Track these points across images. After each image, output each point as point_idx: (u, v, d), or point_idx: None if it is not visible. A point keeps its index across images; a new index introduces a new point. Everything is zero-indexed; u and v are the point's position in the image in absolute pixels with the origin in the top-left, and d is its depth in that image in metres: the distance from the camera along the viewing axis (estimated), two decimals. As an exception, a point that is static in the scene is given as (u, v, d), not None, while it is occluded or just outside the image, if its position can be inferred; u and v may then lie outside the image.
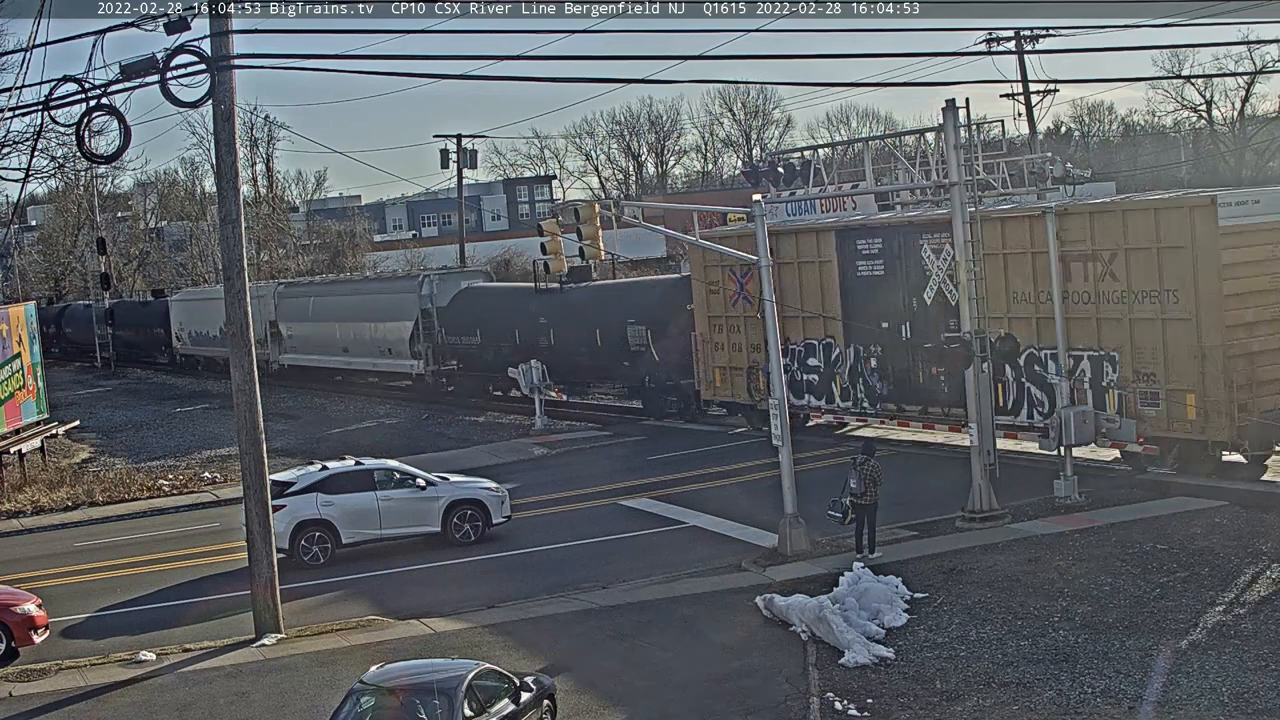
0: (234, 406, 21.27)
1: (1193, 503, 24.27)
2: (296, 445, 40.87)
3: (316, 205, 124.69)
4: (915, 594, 20.12)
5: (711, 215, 64.26)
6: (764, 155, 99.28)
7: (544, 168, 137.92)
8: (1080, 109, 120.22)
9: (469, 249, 72.29)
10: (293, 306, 60.80)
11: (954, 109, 24.36)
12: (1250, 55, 74.01)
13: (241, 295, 20.92)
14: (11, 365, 38.09)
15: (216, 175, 21.42)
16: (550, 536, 26.97)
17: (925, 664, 17.53)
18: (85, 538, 30.78)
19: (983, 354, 24.42)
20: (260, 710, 17.61)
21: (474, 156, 69.21)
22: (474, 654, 18.08)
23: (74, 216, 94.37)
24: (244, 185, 44.13)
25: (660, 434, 38.49)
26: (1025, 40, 52.46)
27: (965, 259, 24.48)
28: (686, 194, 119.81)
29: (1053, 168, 26.33)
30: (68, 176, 73.36)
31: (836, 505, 23.01)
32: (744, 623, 19.84)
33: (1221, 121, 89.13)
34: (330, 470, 26.41)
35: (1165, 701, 15.56)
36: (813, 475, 27.91)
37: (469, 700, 14.23)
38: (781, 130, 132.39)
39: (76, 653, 21.01)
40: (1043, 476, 26.34)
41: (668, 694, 17.19)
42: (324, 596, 23.75)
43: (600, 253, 24.46)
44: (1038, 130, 59.29)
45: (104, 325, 78.30)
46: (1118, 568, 20.70)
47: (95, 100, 19.05)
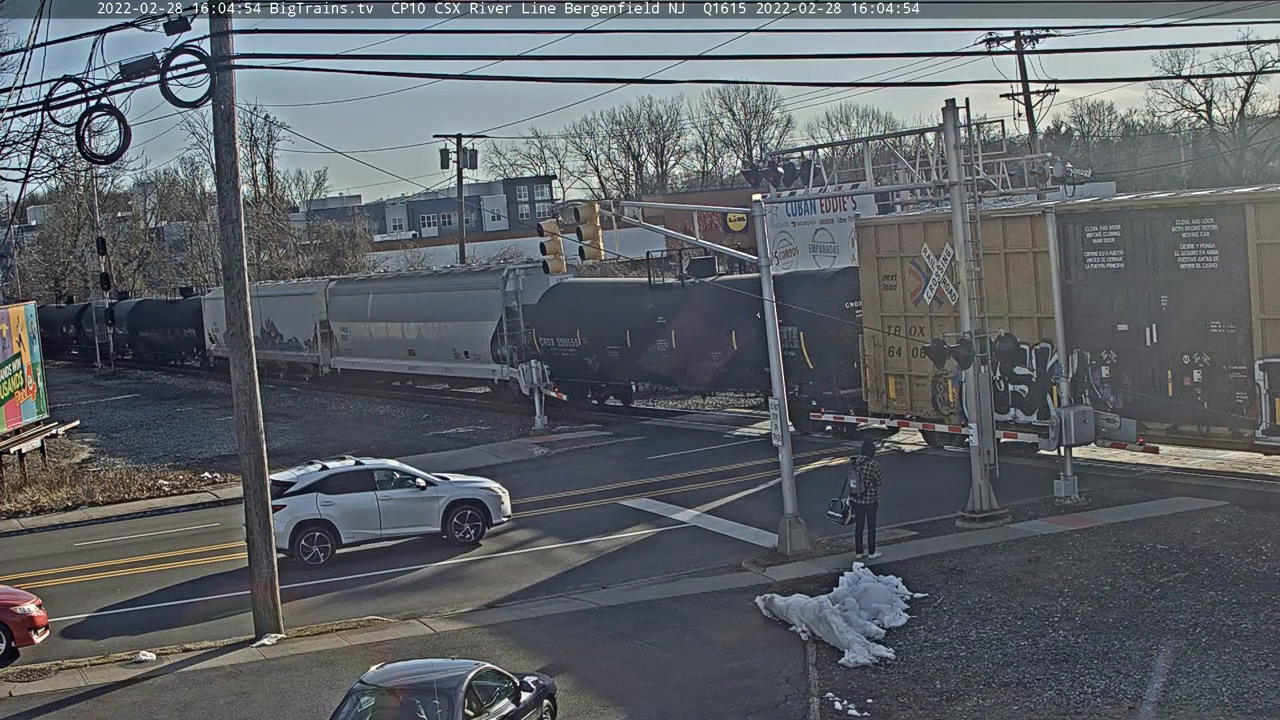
0: (234, 406, 21.25)
1: (1193, 503, 24.28)
2: (297, 445, 40.87)
3: (316, 205, 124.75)
4: (915, 594, 20.12)
5: (712, 215, 64.31)
6: (764, 155, 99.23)
7: (544, 168, 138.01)
8: (1080, 109, 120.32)
9: (469, 249, 72.26)
10: (348, 305, 56.09)
11: (954, 109, 24.40)
12: (1250, 55, 74.09)
13: (241, 295, 20.91)
14: (11, 365, 38.08)
15: (216, 175, 21.42)
16: (550, 536, 26.96)
17: (925, 664, 17.53)
18: (85, 538, 30.77)
19: (982, 354, 24.45)
20: (260, 710, 17.61)
21: (474, 156, 69.26)
22: (474, 654, 18.08)
23: (74, 216, 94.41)
24: (244, 185, 44.19)
25: (660, 434, 38.47)
26: (1025, 40, 52.47)
27: (964, 259, 24.50)
28: (686, 194, 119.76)
29: (1053, 168, 26.33)
30: (68, 176, 73.30)
31: (836, 505, 23.01)
32: (744, 623, 19.84)
33: (1221, 121, 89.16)
34: (330, 470, 26.40)
35: (1165, 701, 15.55)
36: (813, 475, 27.93)
37: (469, 700, 14.23)
38: (781, 130, 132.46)
39: (76, 653, 21.01)
40: (1043, 476, 26.35)
41: (668, 694, 17.18)
42: (324, 596, 23.74)
43: (600, 252, 24.45)
44: (1038, 130, 59.31)
45: (106, 325, 78.13)
46: (1118, 568, 20.69)
47: (95, 100, 19.05)
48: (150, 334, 76.15)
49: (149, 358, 77.68)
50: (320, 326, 57.36)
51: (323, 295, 57.65)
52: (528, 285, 44.85)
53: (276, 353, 61.46)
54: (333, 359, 57.20)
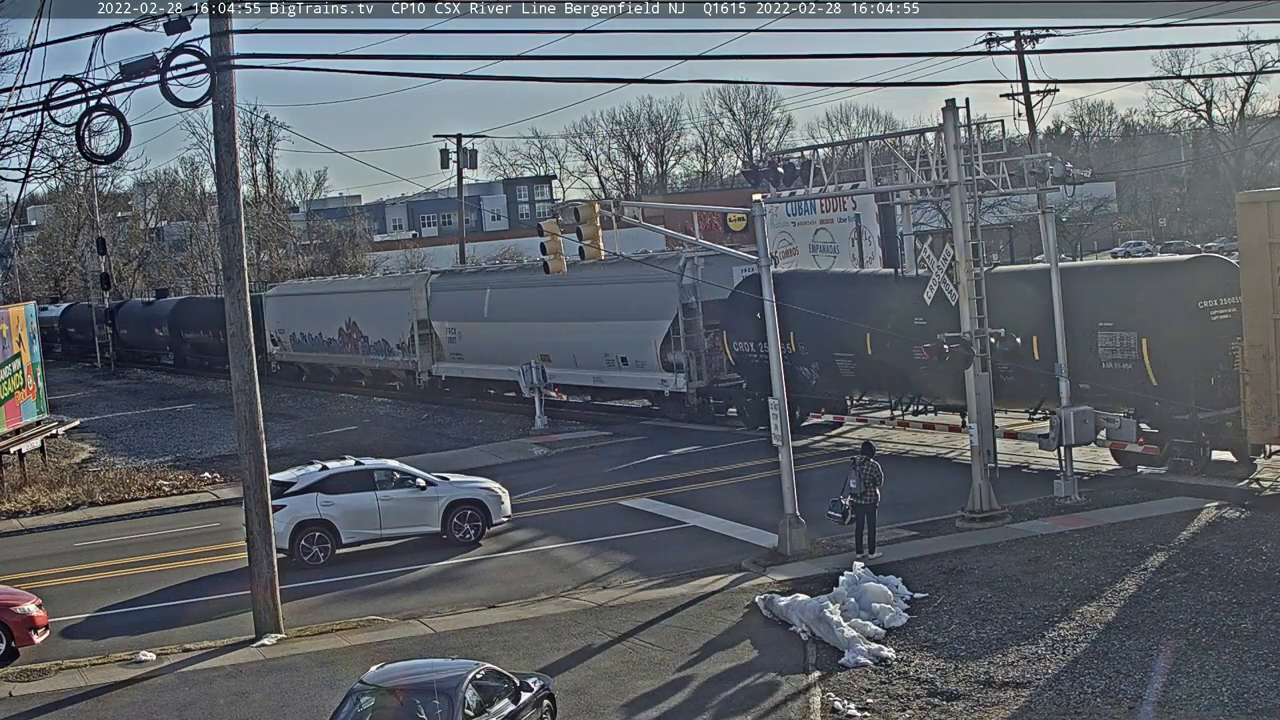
0: (234, 406, 21.24)
1: (1193, 503, 24.27)
2: (297, 445, 40.86)
3: (316, 205, 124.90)
4: (915, 594, 20.12)
5: (712, 215, 64.32)
6: (764, 155, 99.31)
7: (544, 168, 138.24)
8: (1080, 109, 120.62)
9: (469, 249, 72.27)
10: (457, 302, 48.69)
11: (954, 109, 24.41)
12: (1250, 55, 74.09)
13: (241, 295, 20.91)
14: (11, 365, 38.09)
15: (216, 175, 21.42)
16: (550, 536, 26.97)
17: (925, 664, 17.52)
18: (85, 538, 30.77)
19: (982, 354, 24.45)
20: (260, 710, 17.61)
21: (474, 156, 69.28)
22: (474, 654, 18.07)
23: (74, 216, 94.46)
24: (244, 185, 43.86)
25: (660, 434, 38.45)
26: (1025, 40, 52.54)
27: (965, 259, 24.51)
28: (686, 194, 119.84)
29: (1053, 168, 26.31)
30: (68, 176, 73.23)
31: (836, 505, 23.02)
32: (744, 623, 19.84)
33: (1221, 121, 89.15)
34: (330, 470, 26.40)
35: (1165, 701, 15.54)
36: (812, 475, 27.92)
37: (469, 700, 14.23)
38: (781, 130, 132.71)
39: (76, 653, 21.01)
40: (1043, 476, 26.35)
41: (667, 694, 17.18)
42: (324, 596, 23.74)
43: (600, 253, 24.44)
44: (1038, 130, 59.36)
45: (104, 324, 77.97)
46: (1118, 568, 20.69)
47: (95, 100, 19.05)
48: (194, 336, 67.94)
49: (191, 361, 70.23)
50: (418, 327, 50.23)
51: (422, 291, 50.09)
52: (707, 277, 37.15)
53: (358, 357, 55.39)
54: (435, 365, 49.76)
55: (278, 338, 60.60)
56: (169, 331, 72.17)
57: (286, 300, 61.57)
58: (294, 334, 60.19)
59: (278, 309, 60.72)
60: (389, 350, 53.10)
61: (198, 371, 68.60)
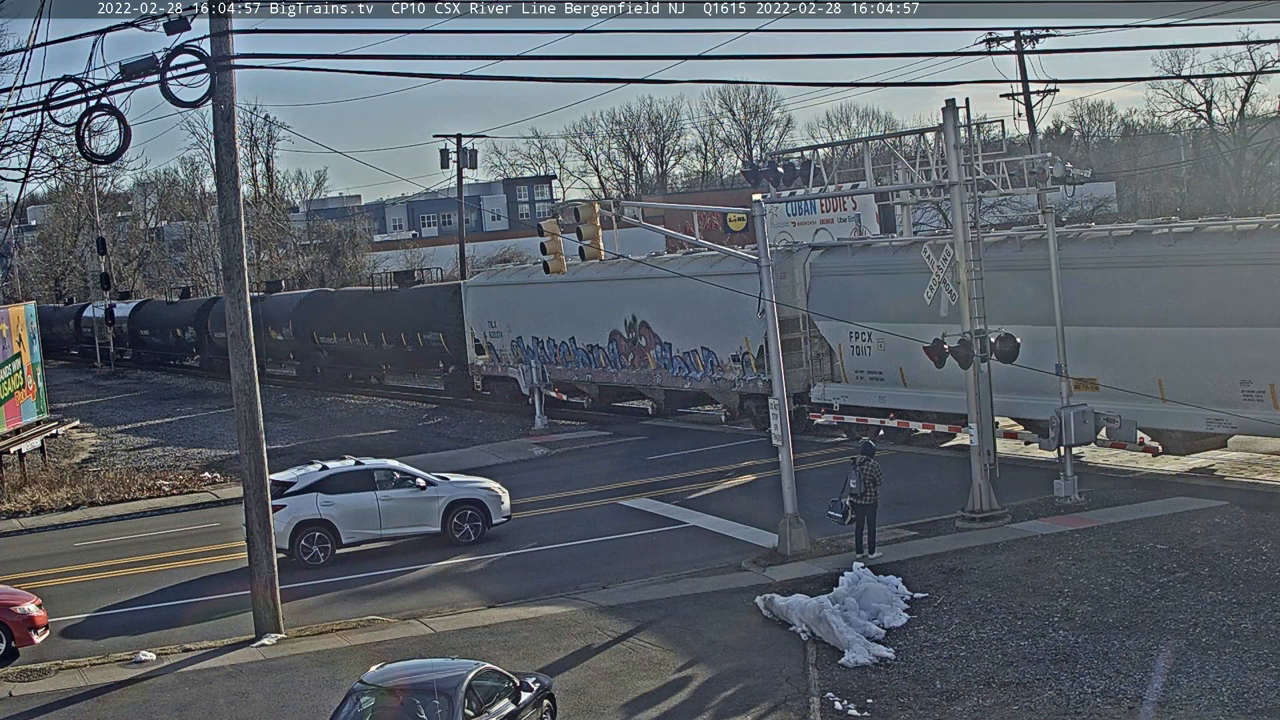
0: (234, 406, 21.25)
1: (1193, 503, 24.30)
2: (296, 445, 40.86)
3: (316, 205, 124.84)
4: (915, 594, 20.13)
5: (712, 215, 64.29)
6: (764, 155, 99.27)
7: (544, 168, 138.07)
8: (1080, 109, 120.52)
9: (469, 249, 72.25)
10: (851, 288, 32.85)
11: (954, 109, 24.39)
12: (1250, 55, 73.90)
13: (241, 295, 20.90)
14: (11, 365, 38.09)
15: (216, 175, 21.43)
16: (550, 536, 26.97)
17: (925, 664, 17.53)
18: (85, 538, 30.77)
19: (983, 354, 24.44)
20: (260, 710, 17.61)
21: (474, 156, 69.17)
22: (474, 654, 18.08)
23: (74, 216, 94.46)
24: (244, 185, 43.96)
25: (660, 434, 38.45)
26: (1025, 40, 52.50)
27: (965, 258, 24.51)
28: (686, 194, 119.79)
29: (1053, 168, 26.32)
30: (68, 176, 73.16)
31: (836, 505, 23.02)
32: (744, 623, 19.84)
33: (1221, 121, 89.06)
34: (330, 470, 26.41)
35: (1165, 701, 15.55)
36: (812, 475, 27.91)
37: (469, 700, 14.24)
38: (781, 130, 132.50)
39: (76, 653, 21.00)
40: (1043, 476, 26.35)
41: (667, 694, 17.19)
42: (324, 596, 23.74)
43: (600, 253, 24.44)
44: (1038, 130, 59.34)
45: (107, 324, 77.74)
46: (1118, 568, 20.70)
47: (95, 100, 19.06)
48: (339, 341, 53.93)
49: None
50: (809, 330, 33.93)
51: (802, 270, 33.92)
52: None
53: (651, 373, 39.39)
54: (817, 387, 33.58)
55: (484, 343, 45.65)
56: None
57: (506, 291, 45.51)
58: (521, 339, 43.93)
59: (488, 302, 45.56)
60: (718, 366, 36.73)
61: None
